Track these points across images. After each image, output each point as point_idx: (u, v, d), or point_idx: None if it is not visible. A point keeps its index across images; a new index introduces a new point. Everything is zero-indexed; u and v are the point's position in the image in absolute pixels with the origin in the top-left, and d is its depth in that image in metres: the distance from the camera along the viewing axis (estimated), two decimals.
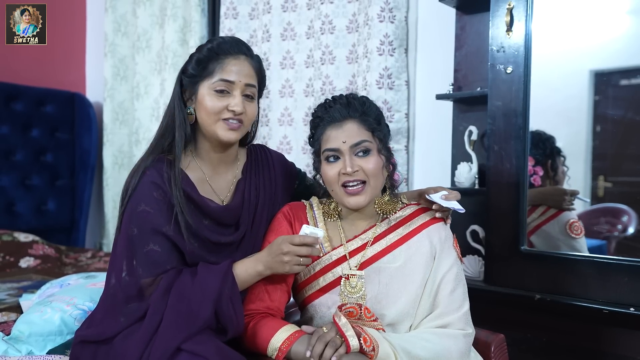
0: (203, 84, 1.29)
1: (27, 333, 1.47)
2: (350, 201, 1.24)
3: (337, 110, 1.27)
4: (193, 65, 1.30)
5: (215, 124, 1.28)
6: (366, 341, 1.10)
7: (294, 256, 1.17)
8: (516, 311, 1.79)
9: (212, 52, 1.29)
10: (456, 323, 1.22)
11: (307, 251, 1.18)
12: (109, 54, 3.28)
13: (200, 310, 1.16)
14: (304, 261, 1.19)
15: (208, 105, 1.27)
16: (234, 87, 1.28)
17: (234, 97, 1.28)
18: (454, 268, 1.26)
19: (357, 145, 1.24)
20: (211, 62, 1.28)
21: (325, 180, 1.29)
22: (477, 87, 2.07)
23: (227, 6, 2.79)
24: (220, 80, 1.27)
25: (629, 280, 1.61)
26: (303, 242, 1.17)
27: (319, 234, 1.19)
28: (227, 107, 1.27)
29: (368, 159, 1.24)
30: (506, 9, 1.78)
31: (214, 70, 1.28)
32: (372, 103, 1.32)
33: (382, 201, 1.31)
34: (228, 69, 1.28)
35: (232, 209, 1.34)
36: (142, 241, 1.22)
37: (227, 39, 1.32)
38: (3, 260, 2.54)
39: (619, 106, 2.06)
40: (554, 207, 1.99)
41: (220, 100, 1.28)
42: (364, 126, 1.25)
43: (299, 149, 2.63)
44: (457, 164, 2.11)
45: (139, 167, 1.28)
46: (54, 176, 3.23)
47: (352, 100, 1.28)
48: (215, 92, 1.27)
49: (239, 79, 1.28)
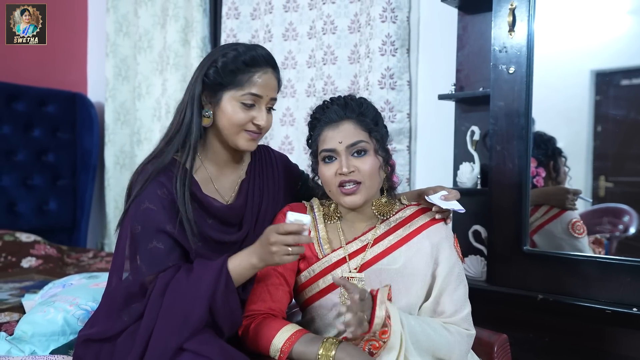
0: (228, 93, 1.27)
1: (30, 333, 1.47)
2: (346, 200, 1.24)
3: (334, 111, 1.27)
4: (219, 71, 1.27)
5: (238, 134, 1.29)
6: (385, 333, 1.09)
7: (281, 246, 1.13)
8: (519, 311, 1.79)
9: (242, 63, 1.27)
10: (459, 324, 1.22)
11: (294, 240, 1.12)
12: (111, 54, 3.28)
13: (195, 307, 1.15)
14: (293, 250, 1.14)
15: (233, 117, 1.27)
16: (261, 102, 1.29)
17: (259, 111, 1.29)
18: (455, 268, 1.26)
19: (353, 146, 1.23)
20: (240, 73, 1.26)
21: (323, 181, 1.28)
22: (480, 87, 2.07)
23: (229, 6, 2.79)
24: (249, 94, 1.27)
25: (631, 280, 1.61)
26: (287, 230, 1.12)
27: (304, 220, 1.13)
28: (253, 121, 1.28)
29: (364, 159, 1.24)
30: (508, 9, 1.78)
31: (243, 82, 1.26)
32: (370, 104, 1.32)
33: (379, 202, 1.31)
34: (258, 83, 1.27)
35: (235, 209, 1.34)
36: (145, 239, 1.22)
37: (258, 50, 1.30)
38: (5, 260, 2.55)
39: (620, 106, 2.06)
40: (556, 206, 1.99)
41: (246, 112, 1.28)
42: (360, 127, 1.25)
43: (300, 149, 2.63)
44: (460, 164, 2.12)
45: (152, 171, 1.25)
46: (55, 176, 3.23)
47: (350, 101, 1.28)
48: (242, 104, 1.27)
49: (267, 94, 1.29)
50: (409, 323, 1.15)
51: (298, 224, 1.13)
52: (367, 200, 1.27)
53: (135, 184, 1.27)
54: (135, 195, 1.24)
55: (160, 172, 1.25)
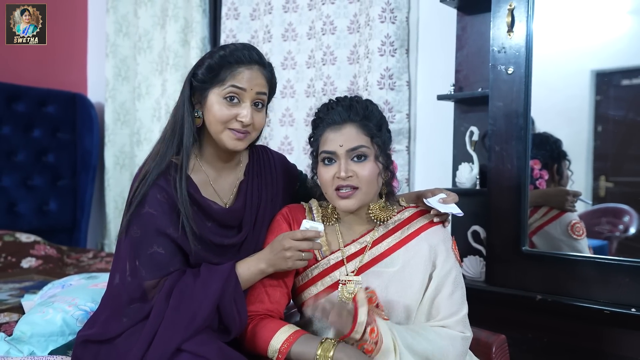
0: (213, 91, 1.27)
1: (29, 334, 1.47)
2: (341, 204, 1.24)
3: (338, 112, 1.25)
4: (204, 71, 1.27)
5: (222, 133, 1.27)
6: (373, 332, 1.08)
7: (295, 251, 1.19)
8: (517, 312, 1.79)
9: (224, 60, 1.26)
10: (454, 326, 1.22)
11: (308, 245, 1.20)
12: (111, 54, 3.29)
13: (201, 310, 1.17)
14: (305, 256, 1.21)
15: (217, 113, 1.26)
16: (244, 96, 1.27)
17: (243, 107, 1.26)
18: (453, 271, 1.26)
19: (353, 150, 1.22)
20: (223, 70, 1.26)
21: (320, 182, 1.28)
22: (478, 88, 2.07)
23: (229, 7, 2.80)
24: (231, 86, 1.25)
25: (630, 281, 1.61)
26: (305, 236, 1.19)
27: (320, 227, 1.20)
28: (236, 117, 1.26)
29: (363, 165, 1.23)
30: (507, 9, 1.78)
31: (225, 78, 1.25)
32: (376, 108, 1.31)
33: (375, 207, 1.29)
34: (240, 76, 1.26)
35: (235, 211, 1.34)
36: (145, 243, 1.22)
37: (239, 47, 1.29)
38: (5, 260, 2.55)
39: (620, 106, 2.06)
40: (556, 207, 1.99)
41: (230, 109, 1.26)
42: (363, 131, 1.24)
43: (300, 150, 2.63)
44: (458, 164, 2.11)
45: (149, 173, 1.26)
46: (55, 176, 3.24)
47: (355, 104, 1.27)
48: (225, 99, 1.26)
49: (251, 87, 1.26)
50: (399, 330, 1.15)
51: (314, 230, 1.20)
52: (362, 205, 1.26)
53: (135, 188, 1.27)
54: (137, 201, 1.24)
55: (159, 176, 1.26)
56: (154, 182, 1.24)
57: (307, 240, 1.19)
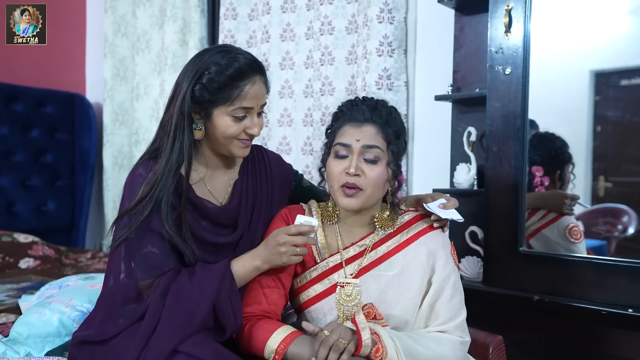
0: (219, 109, 1.26)
1: (25, 335, 1.47)
2: (344, 202, 1.24)
3: (361, 110, 1.26)
4: (206, 89, 1.24)
5: (232, 144, 1.29)
6: (378, 351, 1.09)
7: (290, 246, 1.20)
8: (515, 312, 1.79)
9: (228, 78, 1.24)
10: (453, 331, 1.22)
11: (302, 240, 1.20)
12: (109, 54, 3.29)
13: (198, 310, 1.16)
14: (300, 251, 1.21)
15: (227, 131, 1.26)
16: (252, 112, 1.28)
17: (251, 121, 1.28)
18: (452, 276, 1.26)
19: (368, 148, 1.22)
20: (229, 88, 1.24)
21: (328, 175, 1.28)
22: (476, 88, 2.07)
23: (227, 7, 2.79)
24: (240, 109, 1.26)
25: (627, 282, 1.61)
26: (299, 231, 1.20)
27: (314, 222, 1.21)
28: (245, 131, 1.28)
29: (374, 167, 1.23)
30: (505, 10, 1.78)
31: (233, 97, 1.24)
32: (399, 116, 1.31)
33: (382, 216, 1.29)
34: (248, 96, 1.25)
35: (229, 210, 1.34)
36: (140, 243, 1.22)
37: (241, 60, 1.25)
38: (3, 261, 2.55)
39: (619, 106, 2.05)
40: (554, 210, 1.98)
41: (238, 124, 1.27)
42: (382, 134, 1.24)
43: (298, 150, 2.63)
44: (456, 165, 2.12)
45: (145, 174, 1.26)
46: (53, 177, 3.23)
47: (380, 107, 1.27)
48: (233, 117, 1.26)
49: (257, 103, 1.28)
50: (400, 339, 1.15)
51: (309, 225, 1.20)
52: (364, 207, 1.26)
53: (126, 187, 1.27)
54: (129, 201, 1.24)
55: (140, 169, 1.26)
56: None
57: (302, 235, 1.20)
